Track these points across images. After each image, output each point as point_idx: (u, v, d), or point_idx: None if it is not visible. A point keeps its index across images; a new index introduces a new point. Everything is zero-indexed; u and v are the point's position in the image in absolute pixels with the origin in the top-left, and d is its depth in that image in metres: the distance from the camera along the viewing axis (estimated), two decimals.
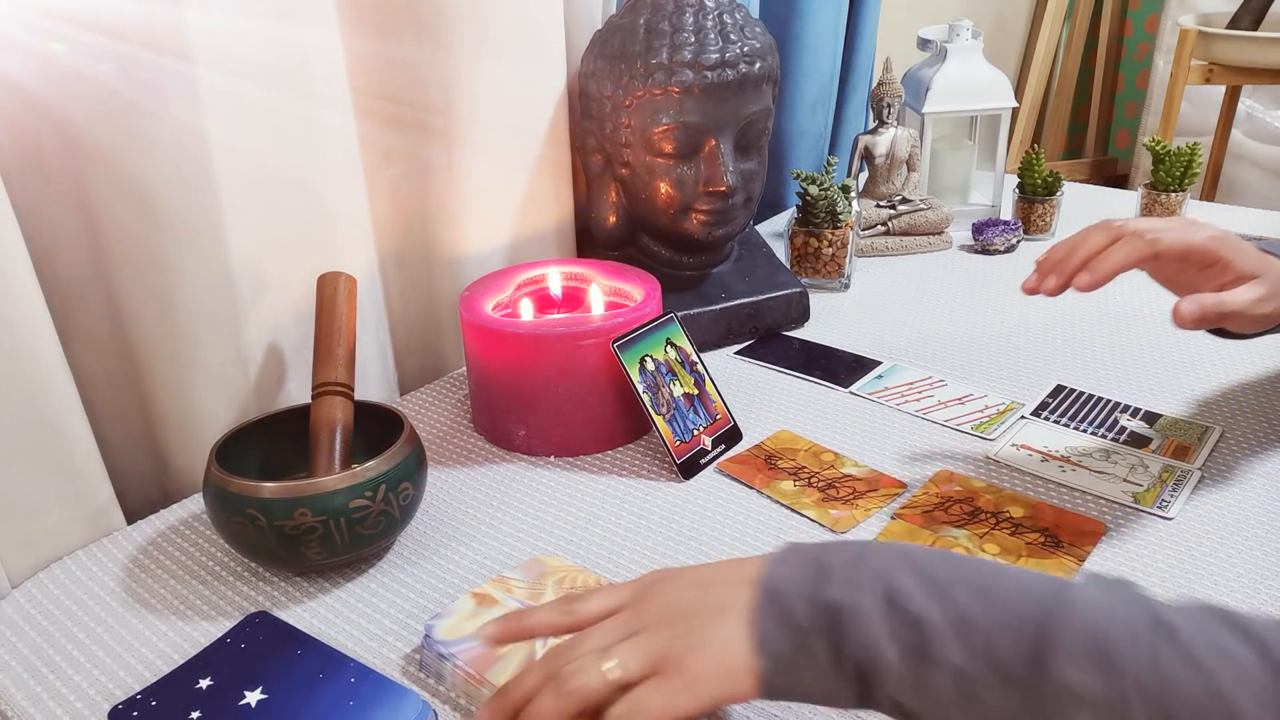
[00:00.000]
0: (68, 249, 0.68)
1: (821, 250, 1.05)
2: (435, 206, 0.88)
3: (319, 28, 0.74)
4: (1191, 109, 2.46)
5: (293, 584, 0.63)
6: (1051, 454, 0.75)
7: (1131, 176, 2.72)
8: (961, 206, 1.25)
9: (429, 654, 0.55)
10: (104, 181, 0.66)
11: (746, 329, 0.96)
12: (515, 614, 0.50)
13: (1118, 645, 0.38)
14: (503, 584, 0.60)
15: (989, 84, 1.19)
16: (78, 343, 0.70)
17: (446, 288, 0.91)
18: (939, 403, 0.83)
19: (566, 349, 0.74)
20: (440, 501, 0.72)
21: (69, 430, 0.65)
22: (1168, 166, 1.17)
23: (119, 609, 0.61)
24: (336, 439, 0.66)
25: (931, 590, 0.41)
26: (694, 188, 0.88)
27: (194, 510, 0.71)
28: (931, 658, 0.40)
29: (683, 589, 0.46)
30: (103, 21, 0.62)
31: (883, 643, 0.41)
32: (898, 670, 0.40)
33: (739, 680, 0.42)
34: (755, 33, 0.88)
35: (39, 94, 0.63)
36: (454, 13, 0.80)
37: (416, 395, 0.89)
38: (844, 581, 0.43)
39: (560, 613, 0.49)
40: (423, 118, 0.84)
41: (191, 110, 0.66)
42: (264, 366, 0.75)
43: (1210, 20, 1.99)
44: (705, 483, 0.73)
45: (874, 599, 0.42)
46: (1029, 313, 1.00)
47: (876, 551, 0.44)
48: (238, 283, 0.71)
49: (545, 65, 0.89)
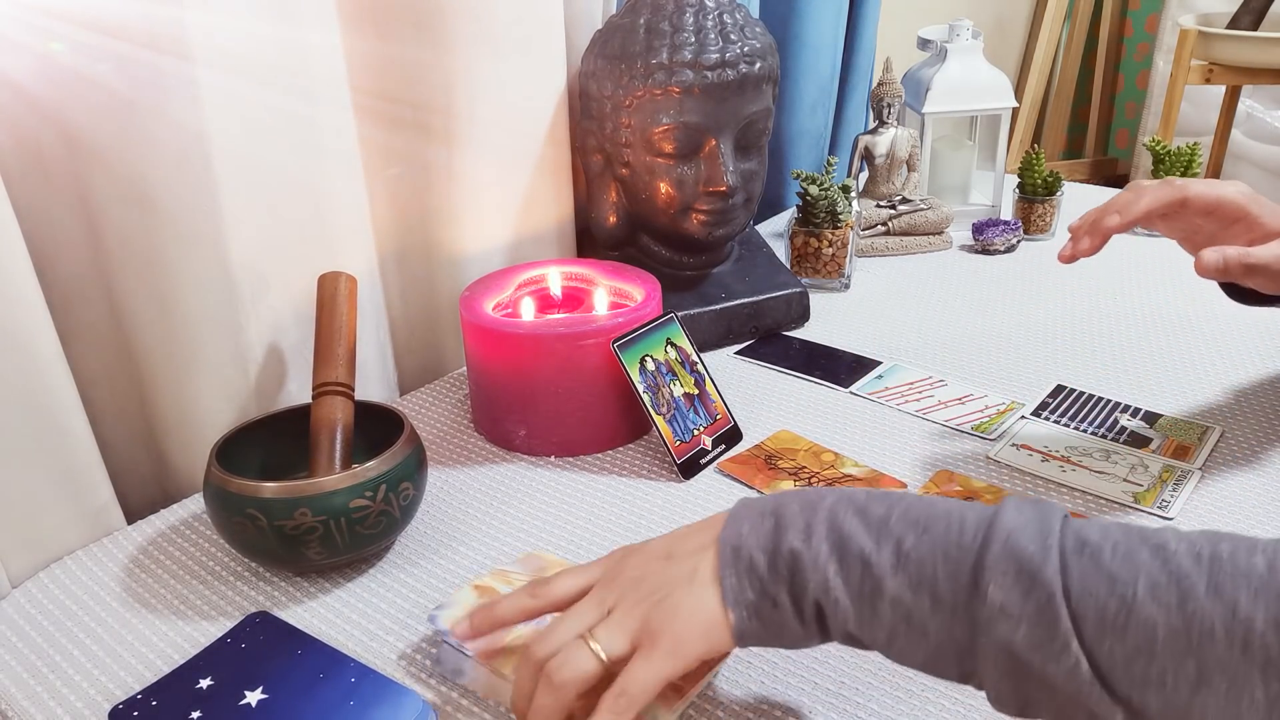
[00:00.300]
0: (68, 249, 0.68)
1: (821, 250, 1.05)
2: (435, 206, 0.88)
3: (319, 28, 0.74)
4: (1191, 109, 2.46)
5: (293, 584, 0.63)
6: (1051, 454, 0.75)
7: (1131, 176, 2.72)
8: (961, 206, 1.25)
9: (448, 651, 0.55)
10: (104, 181, 0.66)
11: (746, 329, 0.96)
12: (484, 606, 0.51)
13: (1036, 561, 0.40)
14: (503, 576, 0.60)
15: (989, 84, 1.19)
16: (78, 343, 0.70)
17: (446, 288, 0.91)
18: (939, 403, 0.83)
19: (567, 349, 0.74)
20: (440, 501, 0.72)
21: (69, 430, 0.65)
22: (1168, 166, 1.18)
23: (119, 609, 0.61)
24: (337, 439, 0.66)
25: (873, 529, 0.44)
26: (694, 188, 0.88)
27: (194, 510, 0.71)
28: (878, 592, 0.43)
29: (650, 561, 0.48)
30: (103, 21, 0.62)
31: (836, 584, 0.43)
32: (849, 608, 0.43)
33: (717, 635, 0.45)
34: (755, 33, 0.88)
35: (39, 94, 0.63)
36: (454, 12, 0.80)
37: (416, 395, 0.89)
38: (799, 530, 0.45)
39: (529, 596, 0.50)
40: (423, 118, 0.84)
41: (191, 110, 0.66)
42: (264, 366, 0.75)
43: (1210, 20, 2.00)
44: (705, 483, 0.73)
45: (826, 545, 0.44)
46: (1029, 313, 1.00)
47: (822, 497, 0.46)
48: (238, 283, 0.71)
49: (545, 65, 0.89)
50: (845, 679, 0.54)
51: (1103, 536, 0.40)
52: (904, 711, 0.52)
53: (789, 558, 0.44)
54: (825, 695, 0.53)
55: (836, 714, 0.52)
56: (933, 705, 0.52)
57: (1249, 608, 0.36)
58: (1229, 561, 0.38)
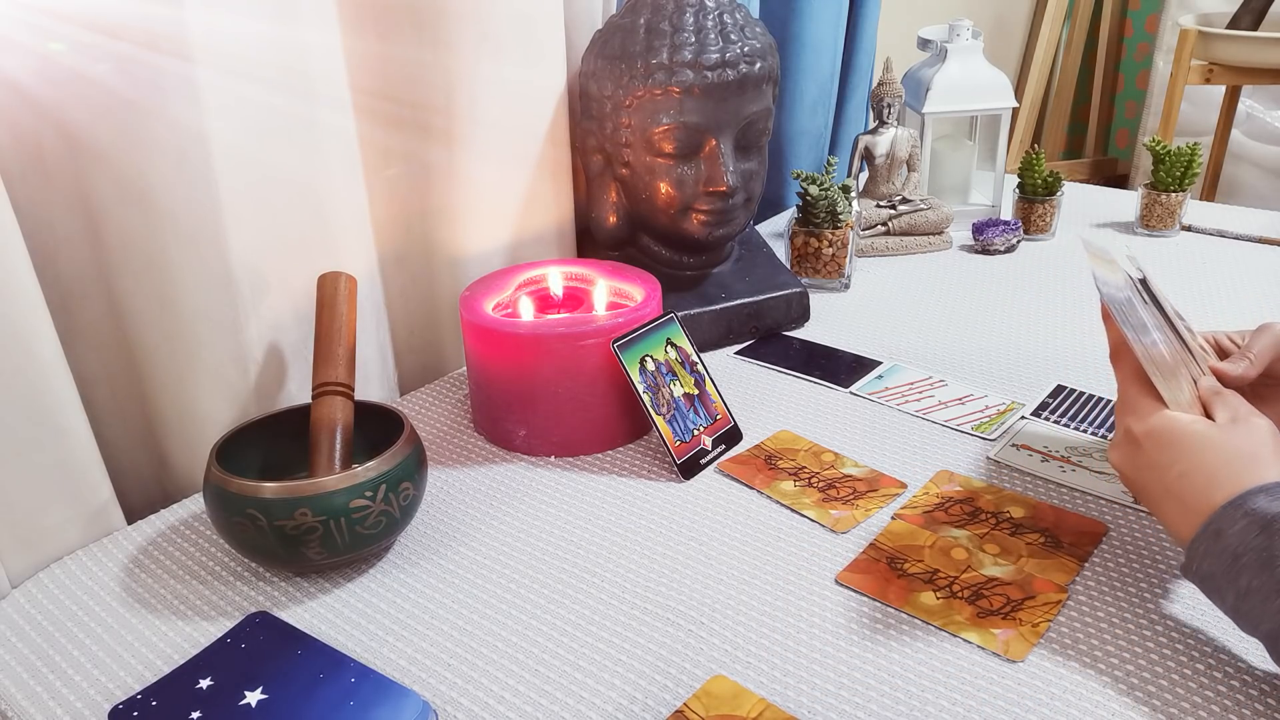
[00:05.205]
0: (68, 249, 0.68)
1: (822, 250, 1.05)
2: (435, 206, 0.88)
3: (319, 28, 0.74)
4: (1191, 109, 2.46)
5: (293, 584, 0.63)
6: (1051, 454, 0.75)
7: (1131, 176, 2.72)
8: (961, 206, 1.25)
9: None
10: (104, 181, 0.66)
11: (747, 329, 0.96)
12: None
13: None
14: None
15: (989, 84, 1.19)
16: (78, 343, 0.70)
17: (446, 288, 0.91)
18: (939, 403, 0.83)
19: (567, 349, 0.74)
20: (440, 501, 0.72)
21: (69, 430, 0.65)
22: (1168, 166, 1.18)
23: (119, 609, 0.62)
24: (337, 439, 0.66)
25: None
26: (694, 188, 0.88)
27: (194, 510, 0.71)
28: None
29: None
30: (103, 21, 0.62)
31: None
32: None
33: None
34: (755, 33, 0.88)
35: (39, 94, 0.63)
36: (454, 13, 0.80)
37: (416, 395, 0.89)
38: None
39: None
40: (423, 118, 0.84)
41: (191, 110, 0.66)
42: (264, 366, 0.75)
43: (1210, 20, 2.00)
44: (705, 483, 0.73)
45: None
46: (1029, 313, 1.00)
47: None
48: (238, 283, 0.71)
49: (545, 65, 0.89)
50: (845, 679, 0.54)
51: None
52: (903, 712, 0.52)
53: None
54: (825, 695, 0.53)
55: (836, 714, 0.52)
56: (932, 705, 0.52)
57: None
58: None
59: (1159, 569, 0.62)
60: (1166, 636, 0.56)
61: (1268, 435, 0.54)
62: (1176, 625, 0.57)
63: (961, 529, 0.66)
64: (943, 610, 0.59)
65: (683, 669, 0.55)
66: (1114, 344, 0.62)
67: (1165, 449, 0.55)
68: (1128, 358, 0.60)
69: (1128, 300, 0.60)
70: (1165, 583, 0.61)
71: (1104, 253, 0.64)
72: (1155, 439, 0.56)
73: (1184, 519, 0.53)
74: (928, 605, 0.59)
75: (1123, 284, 0.61)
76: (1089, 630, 0.57)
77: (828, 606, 0.60)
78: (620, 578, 0.63)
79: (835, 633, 0.57)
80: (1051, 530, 0.66)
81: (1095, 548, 0.64)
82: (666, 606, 0.60)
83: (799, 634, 0.57)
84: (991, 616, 0.58)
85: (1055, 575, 0.61)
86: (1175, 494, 0.54)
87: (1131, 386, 0.59)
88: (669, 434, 0.74)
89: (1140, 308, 0.60)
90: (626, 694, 0.54)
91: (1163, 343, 0.58)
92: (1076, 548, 0.64)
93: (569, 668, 0.56)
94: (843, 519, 0.68)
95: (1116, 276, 0.62)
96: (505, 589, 0.62)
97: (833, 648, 0.56)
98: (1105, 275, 0.63)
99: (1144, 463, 0.56)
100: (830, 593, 0.61)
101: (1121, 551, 0.64)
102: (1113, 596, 0.60)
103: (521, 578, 0.63)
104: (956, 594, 0.60)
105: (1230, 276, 1.07)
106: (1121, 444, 0.58)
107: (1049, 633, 0.57)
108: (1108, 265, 0.63)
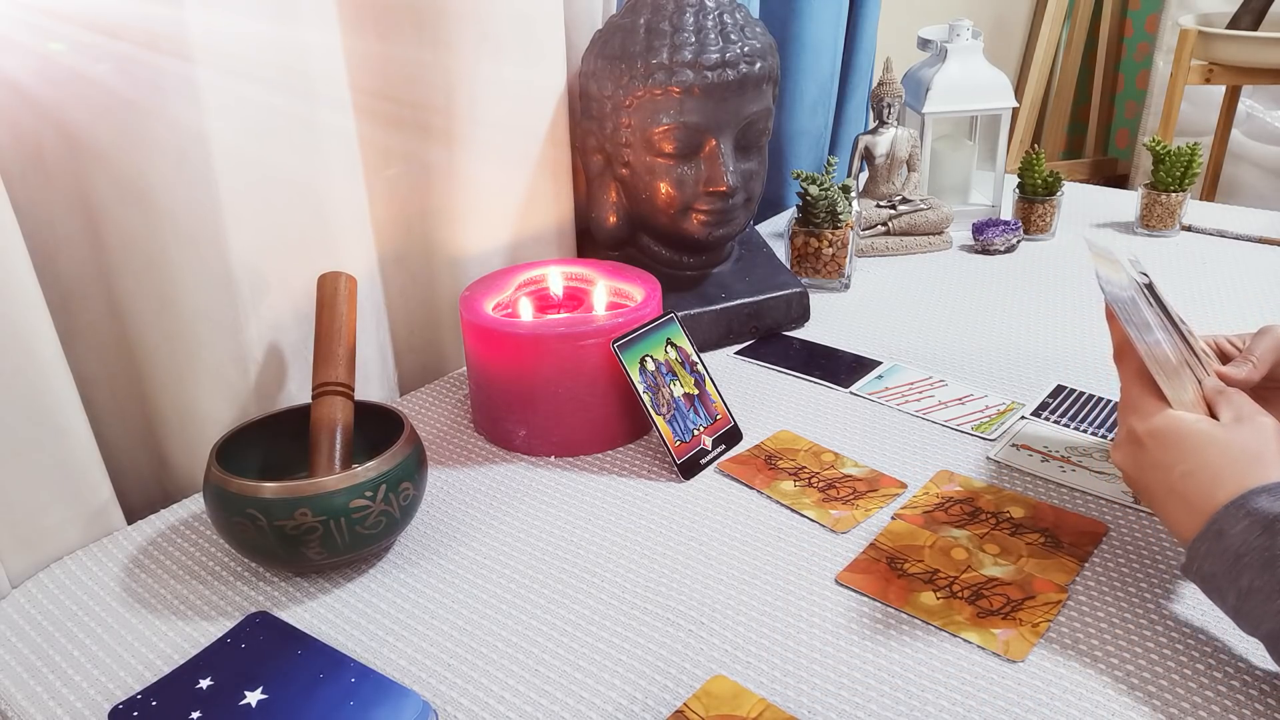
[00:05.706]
0: (68, 249, 0.68)
1: (822, 250, 1.05)
2: (435, 206, 0.88)
3: (319, 28, 0.74)
4: (1191, 109, 2.46)
5: (293, 584, 0.63)
6: (1051, 454, 0.75)
7: (1131, 176, 2.72)
8: (961, 206, 1.25)
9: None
10: (104, 181, 0.66)
11: (747, 329, 0.96)
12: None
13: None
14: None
15: (989, 84, 1.19)
16: (78, 343, 0.70)
17: (446, 288, 0.91)
18: (939, 403, 0.83)
19: (567, 349, 0.74)
20: (440, 501, 0.72)
21: (69, 430, 0.65)
22: (1168, 166, 1.18)
23: (119, 609, 0.61)
24: (337, 439, 0.66)
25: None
26: (694, 188, 0.88)
27: (194, 510, 0.71)
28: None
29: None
30: (103, 21, 0.62)
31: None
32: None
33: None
34: (755, 33, 0.88)
35: (39, 94, 0.63)
36: (454, 13, 0.80)
37: (416, 395, 0.89)
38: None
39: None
40: (423, 118, 0.84)
41: (191, 110, 0.66)
42: (264, 366, 0.75)
43: (1210, 20, 1.99)
44: (705, 483, 0.73)
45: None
46: (1029, 313, 1.00)
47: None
48: (238, 283, 0.71)
49: (545, 65, 0.89)
50: (845, 679, 0.54)
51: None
52: (903, 712, 0.52)
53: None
54: (825, 695, 0.53)
55: (836, 714, 0.52)
56: (932, 705, 0.52)
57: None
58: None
59: (1159, 569, 0.62)
60: (1166, 636, 0.56)
61: (1273, 435, 0.54)
62: (1177, 625, 0.57)
63: (961, 529, 0.66)
64: (943, 610, 0.59)
65: (683, 669, 0.55)
66: (1118, 344, 0.62)
67: (1169, 448, 0.55)
68: (1131, 357, 0.60)
69: (1131, 300, 0.60)
70: (1165, 583, 0.61)
71: (1108, 253, 0.64)
72: (1159, 438, 0.56)
73: (1187, 518, 0.53)
74: (928, 605, 0.59)
75: (1127, 284, 0.61)
76: (1089, 630, 0.57)
77: (828, 606, 0.60)
78: (620, 578, 0.63)
79: (835, 633, 0.57)
80: (1051, 530, 0.66)
81: (1095, 548, 0.64)
82: (666, 606, 0.60)
83: (799, 634, 0.57)
84: (991, 616, 0.58)
85: (1055, 575, 0.61)
86: (1179, 493, 0.54)
87: (1135, 386, 0.59)
88: (669, 434, 0.74)
89: (1144, 307, 0.60)
90: (626, 694, 0.54)
91: (1166, 342, 0.58)
92: (1076, 548, 0.64)
93: (569, 668, 0.56)
94: (843, 519, 0.68)
95: (1120, 276, 0.62)
96: (505, 589, 0.62)
97: (833, 648, 0.56)
98: (1109, 275, 0.63)
99: (1147, 462, 0.56)
100: (830, 593, 0.61)
101: (1121, 551, 0.64)
102: (1113, 596, 0.60)
103: (521, 578, 0.63)
104: (956, 594, 0.60)
105: (1230, 277, 1.07)
106: (1124, 443, 0.58)
107: (1049, 633, 0.57)
108: (1112, 265, 0.63)
